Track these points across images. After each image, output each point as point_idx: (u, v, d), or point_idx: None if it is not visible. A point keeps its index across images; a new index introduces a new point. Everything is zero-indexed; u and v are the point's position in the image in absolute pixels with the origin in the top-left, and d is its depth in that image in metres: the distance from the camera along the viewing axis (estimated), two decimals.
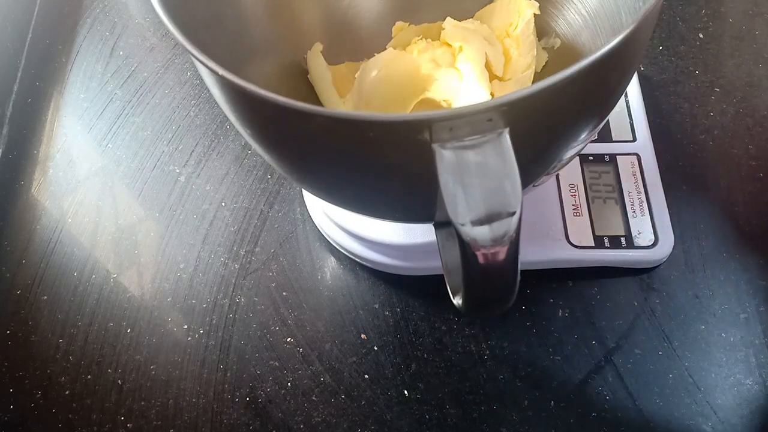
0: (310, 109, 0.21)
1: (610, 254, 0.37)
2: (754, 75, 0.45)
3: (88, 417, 0.36)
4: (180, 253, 0.41)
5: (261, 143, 0.27)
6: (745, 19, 0.48)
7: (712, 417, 0.34)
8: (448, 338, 0.37)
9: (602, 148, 0.40)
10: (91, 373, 0.37)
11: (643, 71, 0.45)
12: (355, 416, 0.35)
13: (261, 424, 0.35)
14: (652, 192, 0.39)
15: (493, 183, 0.20)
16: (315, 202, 0.41)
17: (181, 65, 0.50)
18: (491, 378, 0.36)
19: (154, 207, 0.43)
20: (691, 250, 0.38)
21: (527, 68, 0.36)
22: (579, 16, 0.35)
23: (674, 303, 0.37)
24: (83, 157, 0.46)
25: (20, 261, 0.42)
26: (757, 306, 0.36)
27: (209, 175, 0.44)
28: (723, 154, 0.42)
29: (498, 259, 0.21)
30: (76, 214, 0.43)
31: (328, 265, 0.40)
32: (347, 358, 0.37)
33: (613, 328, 0.36)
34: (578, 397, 0.35)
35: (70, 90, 0.49)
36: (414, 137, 0.20)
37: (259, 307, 0.39)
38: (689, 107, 0.44)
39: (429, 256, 0.37)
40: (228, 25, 0.32)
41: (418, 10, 0.39)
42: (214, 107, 0.47)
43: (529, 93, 0.20)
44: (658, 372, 0.35)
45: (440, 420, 0.35)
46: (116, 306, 0.39)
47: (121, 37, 0.52)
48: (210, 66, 0.22)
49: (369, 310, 0.38)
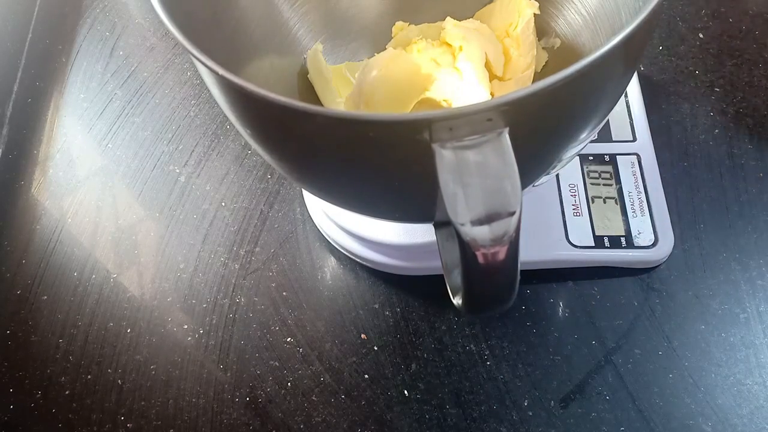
0: (310, 109, 0.21)
1: (610, 254, 0.37)
2: (754, 75, 0.45)
3: (88, 417, 0.36)
4: (180, 253, 0.41)
5: (261, 143, 0.27)
6: (745, 19, 0.48)
7: (712, 417, 0.34)
8: (448, 338, 0.37)
9: (602, 148, 0.40)
10: (91, 373, 0.37)
11: (643, 71, 0.45)
12: (355, 416, 0.35)
13: (261, 424, 0.35)
14: (652, 192, 0.39)
15: (493, 183, 0.20)
16: (315, 202, 0.41)
17: (181, 65, 0.50)
18: (491, 378, 0.36)
19: (154, 207, 0.43)
20: (691, 250, 0.38)
21: (527, 68, 0.36)
22: (579, 16, 0.35)
23: (674, 303, 0.37)
24: (83, 157, 0.46)
25: (20, 261, 0.42)
26: (757, 306, 0.36)
27: (209, 175, 0.44)
28: (723, 154, 0.42)
29: (498, 259, 0.21)
30: (76, 214, 0.43)
31: (328, 265, 0.40)
32: (347, 358, 0.37)
33: (613, 328, 0.36)
34: (578, 397, 0.35)
35: (70, 90, 0.49)
36: (414, 137, 0.20)
37: (259, 307, 0.39)
38: (689, 107, 0.44)
39: (429, 256, 0.37)
40: (228, 25, 0.32)
41: (418, 9, 0.39)
42: (214, 107, 0.47)
43: (529, 93, 0.20)
44: (658, 372, 0.35)
45: (440, 420, 0.35)
46: (116, 306, 0.39)
47: (121, 37, 0.52)
48: (210, 66, 0.22)
49: (369, 310, 0.38)
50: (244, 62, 0.33)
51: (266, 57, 0.35)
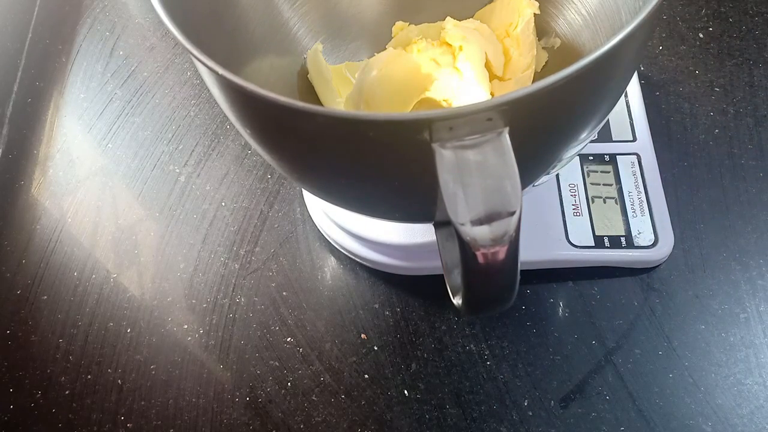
0: (310, 108, 0.21)
1: (610, 254, 0.37)
2: (754, 75, 0.45)
3: (88, 417, 0.36)
4: (180, 253, 0.41)
5: (261, 143, 0.27)
6: (745, 19, 0.48)
7: (712, 417, 0.34)
8: (448, 338, 0.37)
9: (602, 148, 0.40)
10: (91, 373, 0.37)
11: (643, 71, 0.45)
12: (355, 416, 0.35)
13: (261, 424, 0.35)
14: (652, 192, 0.39)
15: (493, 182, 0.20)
16: (315, 202, 0.41)
17: (181, 65, 0.50)
18: (491, 378, 0.36)
19: (154, 207, 0.43)
20: (691, 250, 0.38)
21: (527, 68, 0.36)
22: (579, 16, 0.35)
23: (674, 303, 0.37)
24: (83, 157, 0.46)
25: (20, 261, 0.42)
26: (757, 306, 0.36)
27: (209, 175, 0.44)
28: (723, 154, 0.42)
29: (498, 258, 0.21)
30: (76, 214, 0.43)
31: (328, 265, 0.40)
32: (347, 358, 0.37)
33: (613, 328, 0.36)
34: (578, 397, 0.35)
35: (70, 90, 0.49)
36: (414, 137, 0.20)
37: (259, 306, 0.39)
38: (689, 107, 0.44)
39: (429, 256, 0.37)
40: (228, 25, 0.32)
41: (418, 9, 0.39)
42: (214, 107, 0.47)
43: (529, 92, 0.20)
44: (658, 372, 0.35)
45: (440, 420, 0.35)
46: (116, 306, 0.39)
47: (121, 37, 0.52)
48: (210, 65, 0.22)
49: (369, 310, 0.38)
50: (244, 62, 0.33)
51: (266, 57, 0.35)
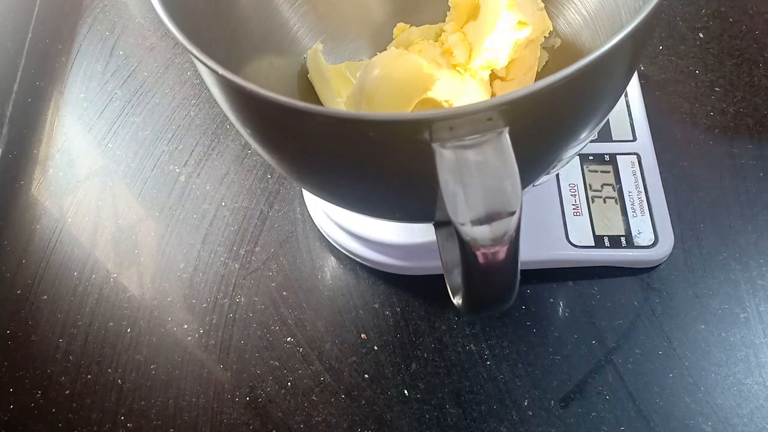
0: (310, 108, 0.21)
1: (610, 254, 0.37)
2: (754, 75, 0.45)
3: (88, 417, 0.36)
4: (180, 253, 0.41)
5: (261, 143, 0.27)
6: (745, 19, 0.48)
7: (712, 417, 0.34)
8: (448, 338, 0.37)
9: (602, 147, 0.40)
10: (91, 373, 0.37)
11: (643, 71, 0.45)
12: (355, 416, 0.35)
13: (261, 423, 0.35)
14: (652, 192, 0.39)
15: (493, 182, 0.20)
16: (315, 202, 0.41)
17: (181, 65, 0.50)
18: (491, 378, 0.36)
19: (154, 207, 0.43)
20: (691, 250, 0.38)
21: (530, 69, 0.36)
22: (579, 16, 0.35)
23: (674, 303, 0.37)
24: (83, 157, 0.46)
25: (20, 261, 0.42)
26: (757, 306, 0.36)
27: (209, 174, 0.44)
28: (723, 154, 0.42)
29: (498, 258, 0.21)
30: (76, 214, 0.43)
31: (328, 265, 0.40)
32: (347, 358, 0.37)
33: (613, 327, 0.36)
34: (578, 396, 0.35)
35: (70, 90, 0.49)
36: (414, 137, 0.20)
37: (259, 306, 0.39)
38: (689, 107, 0.44)
39: (429, 256, 0.37)
40: (228, 25, 0.32)
41: (418, 10, 0.39)
42: (214, 107, 0.47)
43: (529, 92, 0.20)
44: (658, 372, 0.35)
45: (440, 420, 0.35)
46: (116, 306, 0.39)
47: (121, 37, 0.52)
48: (210, 65, 0.22)
49: (369, 309, 0.38)
50: (244, 62, 0.33)
51: (266, 57, 0.35)
